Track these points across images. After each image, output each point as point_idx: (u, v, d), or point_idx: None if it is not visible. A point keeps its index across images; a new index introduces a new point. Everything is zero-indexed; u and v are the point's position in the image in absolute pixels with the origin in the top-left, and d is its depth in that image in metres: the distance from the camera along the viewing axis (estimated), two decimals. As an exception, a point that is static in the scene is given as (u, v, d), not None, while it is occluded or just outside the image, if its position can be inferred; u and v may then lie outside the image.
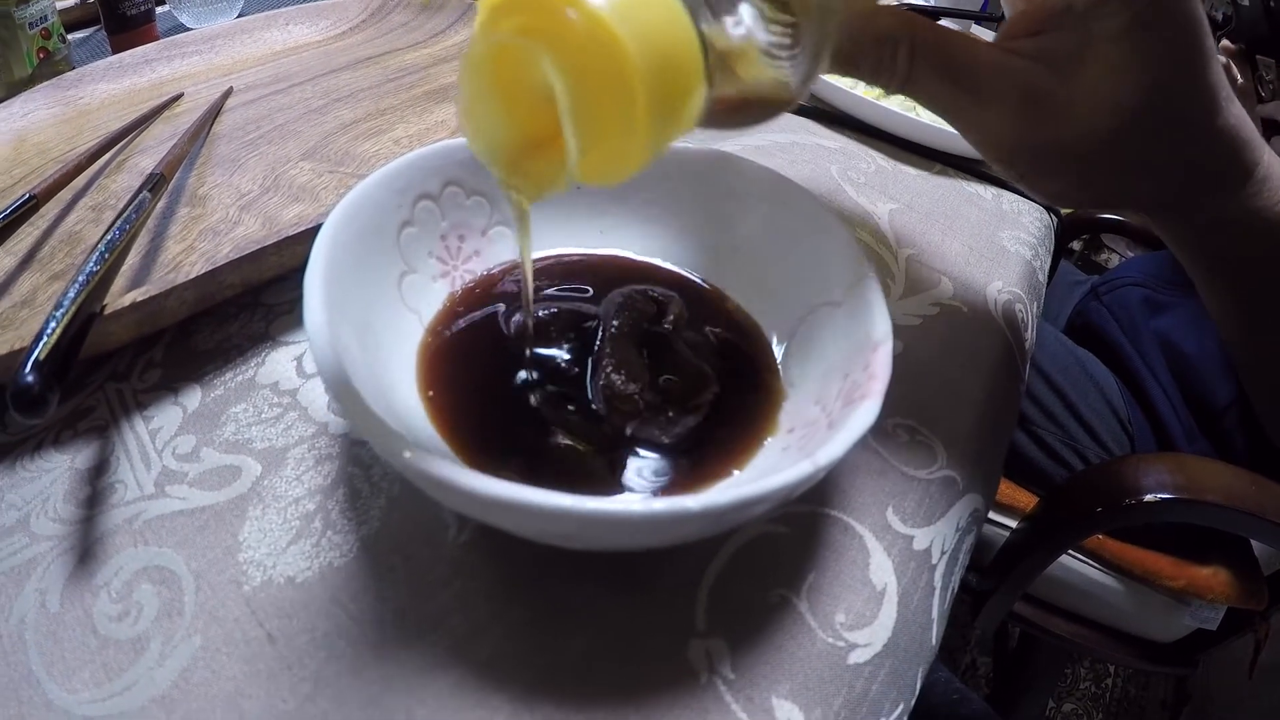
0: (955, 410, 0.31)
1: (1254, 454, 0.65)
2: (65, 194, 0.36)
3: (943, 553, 0.26)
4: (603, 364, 0.23)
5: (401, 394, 0.23)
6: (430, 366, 0.24)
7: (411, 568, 0.22)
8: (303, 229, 0.28)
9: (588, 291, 0.27)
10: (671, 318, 0.25)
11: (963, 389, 0.32)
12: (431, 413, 0.23)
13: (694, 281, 0.29)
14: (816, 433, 0.22)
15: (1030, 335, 0.40)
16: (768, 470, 0.22)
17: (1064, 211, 0.58)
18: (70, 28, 0.56)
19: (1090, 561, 0.71)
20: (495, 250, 0.28)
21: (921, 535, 0.26)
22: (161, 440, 0.25)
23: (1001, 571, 0.62)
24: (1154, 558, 0.69)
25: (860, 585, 0.23)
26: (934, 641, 0.25)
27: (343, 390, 0.18)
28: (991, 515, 0.69)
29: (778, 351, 0.26)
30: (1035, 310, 0.42)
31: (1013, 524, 0.68)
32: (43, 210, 0.34)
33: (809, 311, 0.26)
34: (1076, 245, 1.70)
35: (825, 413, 0.22)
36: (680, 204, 0.29)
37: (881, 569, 0.24)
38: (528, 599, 0.21)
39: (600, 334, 0.24)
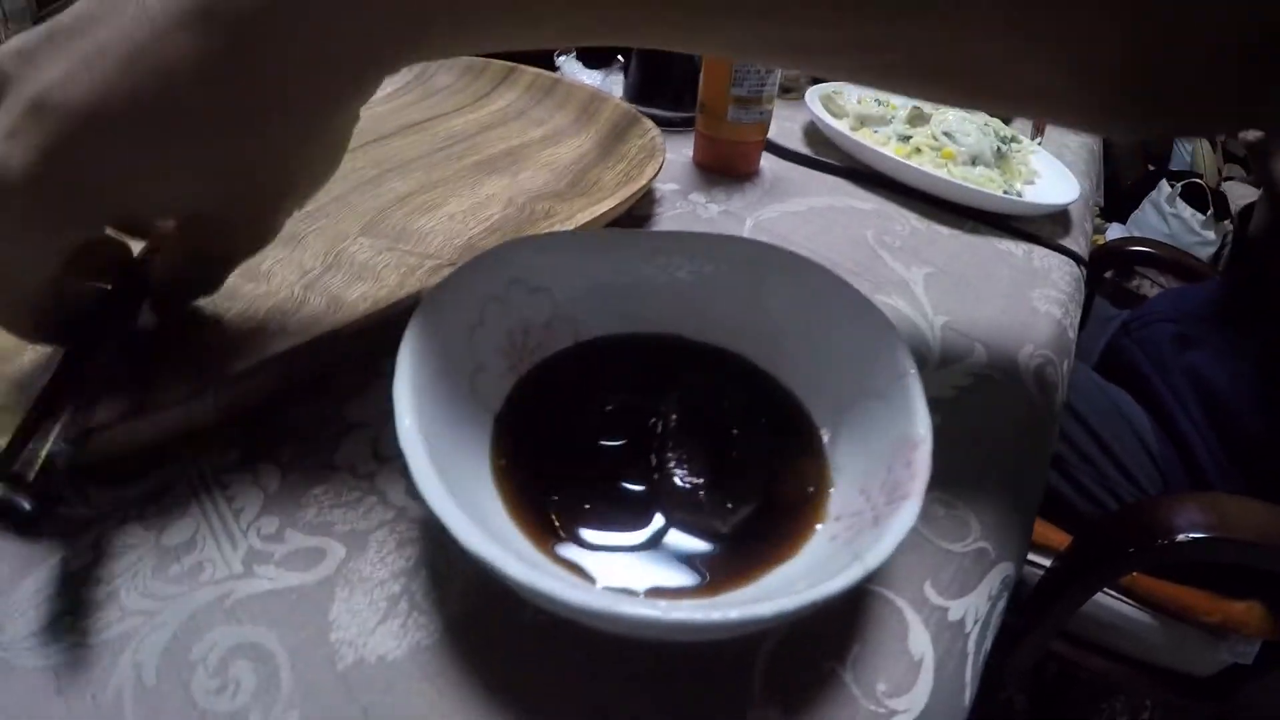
0: (988, 482, 0.32)
1: (1288, 488, 0.65)
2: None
3: (975, 621, 0.27)
4: (666, 459, 0.25)
5: (475, 481, 0.25)
6: (501, 450, 0.26)
7: (493, 647, 0.24)
8: (370, 319, 0.30)
9: (647, 375, 0.29)
10: (727, 405, 0.27)
11: (995, 460, 0.33)
12: (503, 493, 0.25)
13: (750, 363, 0.30)
14: (862, 526, 0.23)
15: (1060, 395, 0.41)
16: (818, 559, 0.23)
17: (1095, 243, 0.59)
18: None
19: (1125, 599, 0.71)
20: (556, 340, 0.30)
21: (956, 606, 0.27)
22: (246, 520, 0.27)
23: (1036, 610, 0.63)
24: (1189, 593, 0.69)
25: (900, 655, 0.25)
26: (966, 703, 0.26)
27: (440, 505, 0.20)
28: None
29: (825, 438, 0.28)
30: (1066, 369, 0.43)
31: (1046, 563, 0.68)
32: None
33: (854, 402, 0.27)
34: (1108, 274, 1.69)
35: (870, 504, 0.24)
36: (731, 292, 0.31)
37: (919, 640, 0.26)
38: (601, 672, 0.23)
39: (662, 425, 0.26)
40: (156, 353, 0.30)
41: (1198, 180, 1.73)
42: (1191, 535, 0.54)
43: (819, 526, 0.25)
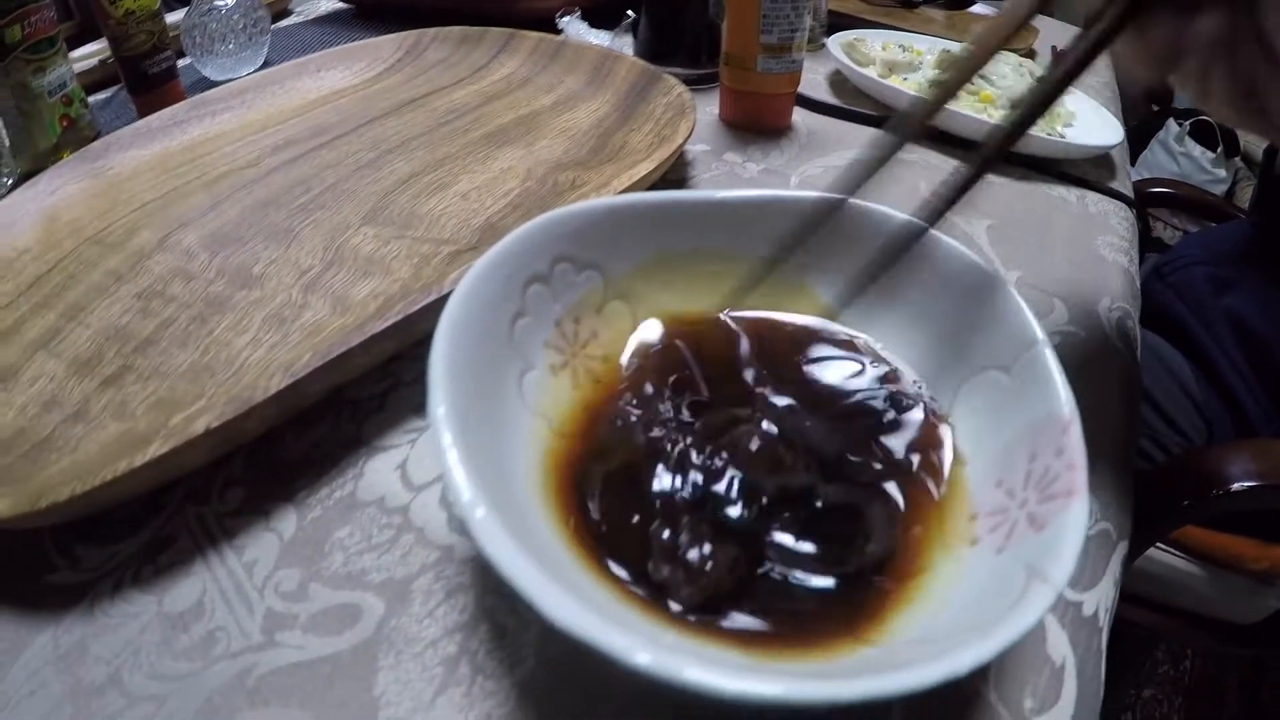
0: (1096, 452, 0.28)
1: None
2: (107, 280, 0.33)
3: (1105, 611, 0.25)
4: (765, 469, 0.21)
5: (534, 512, 0.20)
6: (567, 484, 0.21)
7: (579, 710, 0.20)
8: (389, 323, 0.25)
9: (722, 362, 0.25)
10: (827, 392, 0.23)
11: (1099, 427, 0.30)
12: (573, 539, 0.20)
13: (845, 338, 0.27)
14: (1014, 527, 0.19)
15: (1139, 349, 0.38)
16: (970, 571, 0.20)
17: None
18: (91, 90, 0.53)
19: (1171, 550, 0.69)
20: (614, 328, 0.25)
21: (1089, 599, 0.25)
22: (260, 575, 0.22)
23: (1088, 570, 0.60)
24: (1236, 541, 0.67)
25: (1041, 663, 0.22)
26: (1099, 704, 0.23)
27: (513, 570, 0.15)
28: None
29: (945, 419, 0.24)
30: (1138, 319, 0.40)
31: (1094, 522, 0.66)
32: (85, 303, 0.32)
33: (973, 374, 0.23)
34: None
35: (1017, 502, 0.20)
36: (817, 258, 0.27)
37: (1059, 642, 0.23)
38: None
39: (753, 424, 0.22)
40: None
41: (1206, 118, 1.69)
42: (1245, 484, 0.52)
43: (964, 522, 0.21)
